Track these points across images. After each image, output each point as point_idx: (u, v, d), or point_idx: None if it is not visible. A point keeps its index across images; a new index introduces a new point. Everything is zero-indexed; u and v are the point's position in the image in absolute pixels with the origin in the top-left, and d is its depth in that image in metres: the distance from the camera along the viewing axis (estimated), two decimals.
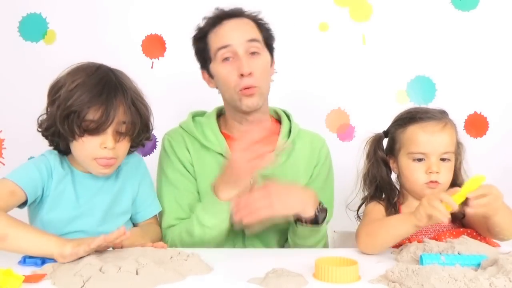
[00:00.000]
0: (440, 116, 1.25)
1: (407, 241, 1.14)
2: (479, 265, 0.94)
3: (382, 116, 1.98)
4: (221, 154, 1.34)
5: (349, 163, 1.88)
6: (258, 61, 1.30)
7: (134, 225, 1.32)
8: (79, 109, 1.09)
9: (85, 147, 1.11)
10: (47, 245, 0.97)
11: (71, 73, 1.17)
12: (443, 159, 1.21)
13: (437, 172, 1.19)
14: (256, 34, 1.32)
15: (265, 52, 1.33)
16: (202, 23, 1.36)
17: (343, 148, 2.00)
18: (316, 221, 1.20)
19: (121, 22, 2.04)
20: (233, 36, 1.29)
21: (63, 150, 1.20)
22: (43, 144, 2.14)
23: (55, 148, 1.21)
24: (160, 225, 1.33)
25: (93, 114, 1.09)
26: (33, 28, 2.05)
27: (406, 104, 2.01)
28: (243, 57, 1.27)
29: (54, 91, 1.14)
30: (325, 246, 1.38)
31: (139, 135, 1.20)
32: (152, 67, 2.03)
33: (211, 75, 1.36)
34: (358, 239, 1.16)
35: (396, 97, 2.03)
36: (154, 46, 2.04)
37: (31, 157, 2.03)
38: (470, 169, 1.28)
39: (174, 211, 1.32)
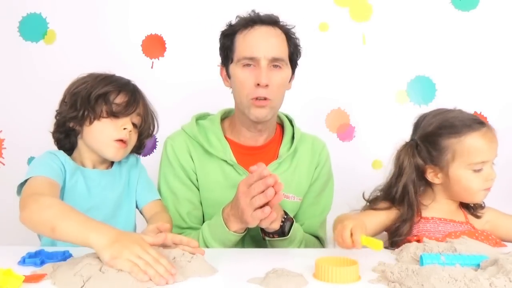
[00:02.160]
0: (480, 119, 1.22)
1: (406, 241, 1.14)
2: (479, 265, 0.94)
3: (382, 116, 2.00)
4: (225, 161, 1.33)
5: (349, 163, 1.89)
6: (277, 74, 1.28)
7: (141, 214, 1.35)
8: (110, 91, 1.21)
9: (106, 128, 1.21)
10: (86, 242, 0.92)
11: (92, 73, 1.27)
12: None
13: (493, 178, 1.20)
14: (283, 51, 1.29)
15: (287, 68, 1.31)
16: (234, 21, 1.33)
17: (343, 148, 2.01)
18: (282, 232, 1.20)
19: (121, 22, 2.04)
20: (260, 48, 1.25)
21: (67, 148, 1.27)
22: (43, 144, 2.14)
23: (60, 146, 1.29)
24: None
25: (120, 99, 1.22)
26: (33, 28, 2.05)
27: (406, 104, 2.02)
28: (263, 68, 1.25)
29: (76, 85, 1.23)
30: (315, 245, 1.39)
31: (141, 137, 1.31)
32: (152, 67, 2.03)
33: (228, 75, 1.34)
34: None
35: (396, 97, 2.03)
36: (154, 46, 2.04)
37: (31, 157, 2.04)
38: None
39: (174, 219, 1.32)
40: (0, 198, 2.05)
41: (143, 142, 1.34)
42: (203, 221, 1.37)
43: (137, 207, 1.35)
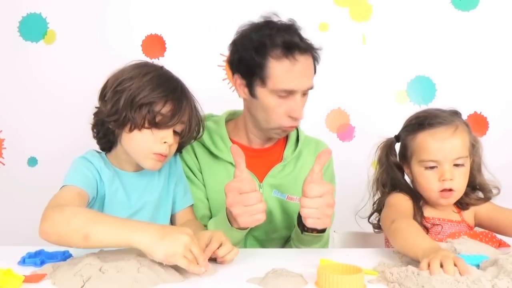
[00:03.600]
0: (450, 119, 1.21)
1: None
2: (478, 265, 0.93)
3: (382, 116, 2.01)
4: (231, 163, 1.31)
5: (349, 163, 1.89)
6: (304, 101, 1.29)
7: (171, 217, 1.29)
8: (154, 101, 1.10)
9: (146, 139, 1.11)
10: (128, 243, 0.90)
11: (138, 67, 1.16)
12: (456, 165, 1.19)
13: (450, 179, 1.17)
14: (312, 78, 1.29)
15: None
16: (261, 36, 1.24)
17: (343, 148, 2.01)
18: (322, 229, 1.18)
19: (121, 22, 2.04)
20: (301, 84, 1.24)
21: (105, 146, 1.20)
22: (43, 145, 2.15)
23: (99, 142, 1.20)
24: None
25: (166, 109, 1.11)
26: (33, 28, 2.05)
27: (406, 104, 2.02)
28: (299, 101, 1.25)
29: (119, 81, 1.12)
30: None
31: (185, 141, 1.21)
32: None
33: (251, 91, 1.28)
34: (388, 235, 1.13)
35: (396, 97, 2.04)
36: (154, 46, 2.04)
37: (32, 157, 2.05)
38: None
39: None
40: (0, 198, 2.06)
41: (185, 145, 1.26)
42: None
43: None
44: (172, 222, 1.29)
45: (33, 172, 2.05)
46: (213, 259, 1.00)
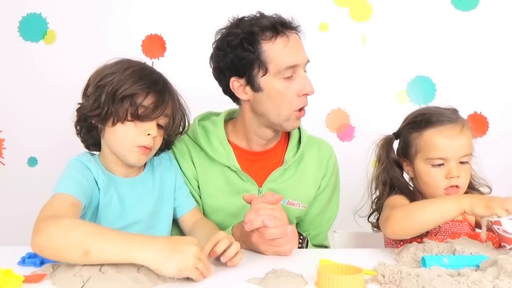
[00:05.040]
0: (455, 117, 1.22)
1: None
2: (478, 265, 0.93)
3: (382, 116, 2.01)
4: (228, 167, 1.29)
5: (349, 163, 1.89)
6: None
7: (175, 220, 1.28)
8: (136, 93, 1.09)
9: (130, 132, 1.10)
10: (132, 260, 0.86)
11: (120, 62, 1.15)
12: (461, 162, 1.19)
13: (458, 177, 1.17)
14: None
15: None
16: (245, 27, 1.23)
17: (343, 148, 2.01)
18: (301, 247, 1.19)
19: (121, 22, 2.04)
20: (300, 56, 1.23)
21: (89, 143, 1.19)
22: (43, 145, 2.15)
23: (82, 139, 1.19)
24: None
25: (148, 101, 1.11)
26: (33, 28, 2.05)
27: (406, 104, 2.02)
28: (305, 76, 1.23)
29: (101, 76, 1.11)
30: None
31: (170, 135, 1.21)
32: None
33: (253, 86, 1.23)
34: (390, 221, 1.10)
35: (396, 97, 2.04)
36: (154, 46, 2.04)
37: (31, 157, 2.04)
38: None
39: None
40: (0, 198, 2.06)
41: (171, 141, 1.25)
42: None
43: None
44: (179, 224, 1.28)
45: (33, 172, 2.05)
46: (216, 260, 1.00)
